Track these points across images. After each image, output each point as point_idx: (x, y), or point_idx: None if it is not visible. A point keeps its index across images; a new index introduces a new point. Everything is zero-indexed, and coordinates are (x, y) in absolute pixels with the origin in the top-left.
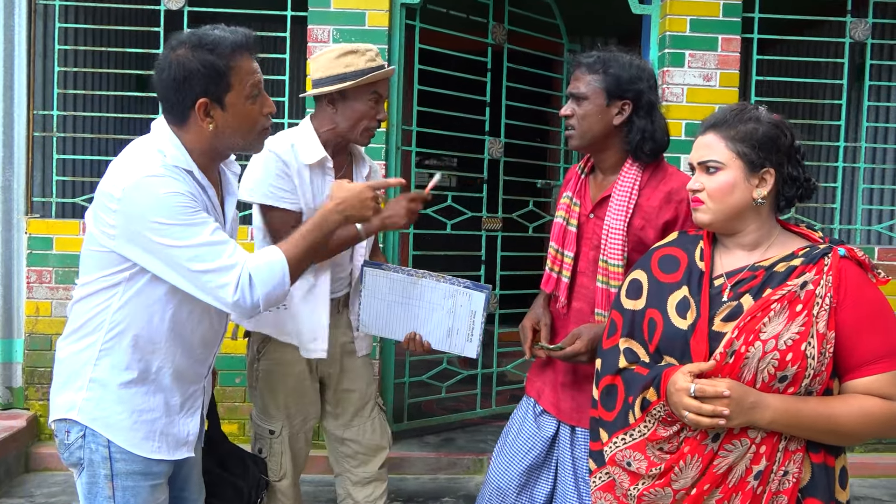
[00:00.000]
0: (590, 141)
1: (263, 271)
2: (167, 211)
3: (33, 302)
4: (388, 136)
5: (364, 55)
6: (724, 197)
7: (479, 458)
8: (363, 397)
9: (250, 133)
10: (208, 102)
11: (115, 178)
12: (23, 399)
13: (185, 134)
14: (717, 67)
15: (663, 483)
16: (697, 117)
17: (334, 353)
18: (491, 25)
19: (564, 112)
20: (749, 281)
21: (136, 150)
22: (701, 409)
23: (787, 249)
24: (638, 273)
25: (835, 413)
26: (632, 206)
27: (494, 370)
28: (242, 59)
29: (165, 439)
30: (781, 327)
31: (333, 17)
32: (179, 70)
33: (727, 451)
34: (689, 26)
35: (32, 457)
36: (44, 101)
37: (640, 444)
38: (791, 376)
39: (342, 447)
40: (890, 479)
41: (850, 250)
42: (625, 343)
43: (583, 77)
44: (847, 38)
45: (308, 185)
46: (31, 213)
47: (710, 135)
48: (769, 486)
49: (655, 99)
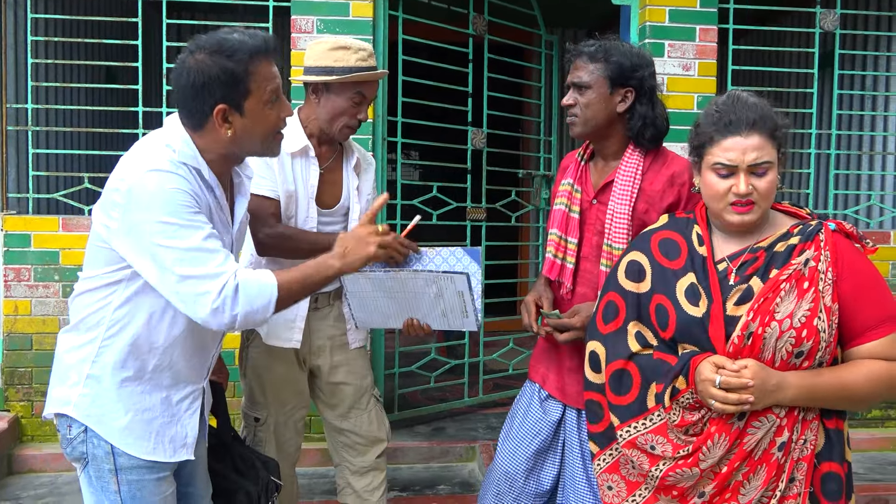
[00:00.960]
0: (592, 129)
1: (252, 288)
2: (167, 206)
3: (11, 301)
4: (374, 127)
5: (355, 53)
6: (772, 194)
7: (470, 447)
8: (358, 390)
9: (268, 137)
10: (227, 108)
11: (122, 171)
12: (2, 400)
13: (201, 139)
14: (695, 57)
15: (691, 463)
16: (678, 106)
17: (322, 345)
18: (472, 16)
19: (567, 102)
20: (752, 263)
21: (145, 144)
22: (727, 399)
23: (781, 228)
24: (636, 255)
25: (847, 381)
26: (636, 190)
27: (481, 359)
28: (261, 64)
29: (162, 440)
30: (793, 305)
31: (317, 7)
32: (198, 76)
33: (755, 429)
34: (668, 16)
35: (15, 459)
36: (16, 94)
37: (661, 427)
38: (807, 352)
39: (341, 437)
40: (864, 453)
41: (839, 224)
42: (634, 327)
43: (584, 66)
44: (817, 28)
45: (289, 171)
46: (7, 209)
47: (755, 135)
48: (791, 455)
49: (656, 85)
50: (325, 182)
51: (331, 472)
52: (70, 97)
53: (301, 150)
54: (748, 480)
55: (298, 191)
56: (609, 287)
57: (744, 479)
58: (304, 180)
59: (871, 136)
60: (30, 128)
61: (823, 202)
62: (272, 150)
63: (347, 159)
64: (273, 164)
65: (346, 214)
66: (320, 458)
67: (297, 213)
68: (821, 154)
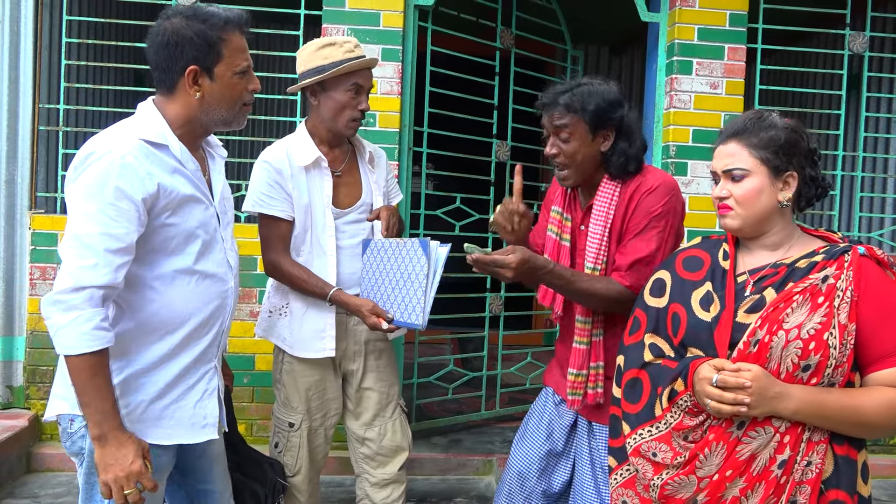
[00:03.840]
0: (583, 177)
1: (80, 330)
2: (95, 188)
3: (36, 299)
4: (400, 136)
5: (342, 47)
6: (752, 202)
7: (488, 460)
8: (386, 397)
9: (234, 106)
10: (198, 70)
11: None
12: (23, 398)
13: (172, 103)
14: (723, 76)
15: (688, 471)
16: (704, 124)
17: (358, 350)
18: (499, 29)
19: (550, 151)
20: (771, 277)
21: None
22: (722, 398)
23: (808, 248)
24: (662, 273)
25: (859, 404)
26: (611, 211)
27: (499, 372)
28: (234, 34)
29: (179, 424)
30: (804, 317)
31: (348, 16)
32: (173, 36)
33: (750, 438)
34: (697, 35)
35: (34, 457)
36: (49, 94)
37: (666, 435)
38: (814, 365)
39: (362, 448)
40: (886, 480)
41: (870, 249)
42: (650, 338)
43: (563, 117)
44: (846, 50)
45: (304, 185)
46: (35, 208)
47: (732, 143)
48: (793, 476)
49: (633, 118)
50: (343, 184)
51: (347, 481)
52: (99, 99)
53: (314, 161)
54: (746, 497)
55: (314, 202)
56: (636, 304)
57: (741, 495)
58: (319, 190)
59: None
60: (61, 128)
61: (847, 224)
62: (238, 120)
63: (361, 156)
64: (287, 182)
65: (370, 211)
66: (337, 467)
67: (313, 224)
68: (846, 176)
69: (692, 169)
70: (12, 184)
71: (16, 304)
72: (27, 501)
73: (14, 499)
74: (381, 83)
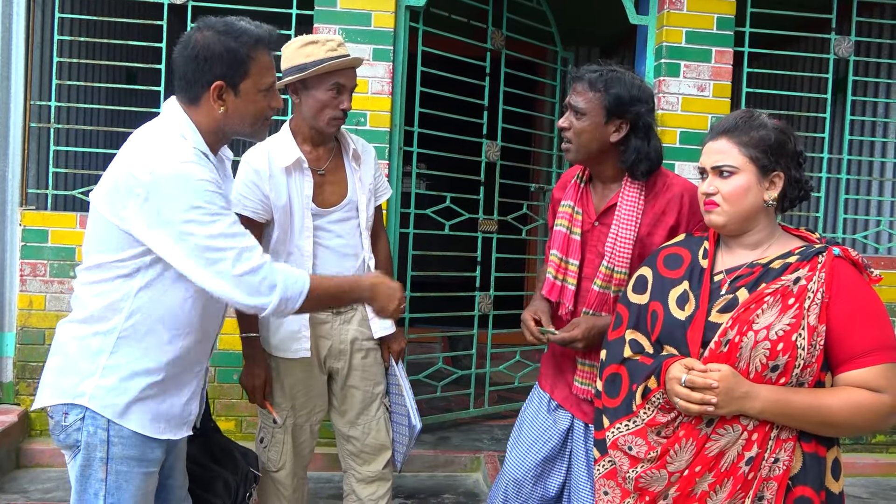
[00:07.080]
0: (586, 156)
1: (289, 275)
2: (202, 196)
3: (26, 295)
4: (390, 136)
5: (324, 45)
6: (739, 200)
7: (476, 457)
8: (369, 396)
9: (256, 122)
10: (223, 86)
11: (141, 161)
12: (13, 394)
13: (195, 112)
14: (710, 78)
15: (659, 465)
16: (692, 126)
17: (344, 349)
18: (490, 31)
19: (562, 124)
20: (746, 276)
21: (156, 133)
22: (690, 397)
23: (785, 248)
24: (644, 270)
25: (825, 404)
26: (639, 215)
27: (487, 370)
28: (263, 52)
29: (170, 420)
30: (773, 318)
31: (340, 16)
32: (203, 50)
33: (718, 436)
34: (685, 38)
35: (24, 453)
36: (41, 91)
37: (642, 430)
38: (782, 366)
39: (348, 445)
40: (867, 478)
41: (845, 250)
42: (630, 334)
43: (584, 93)
44: (832, 54)
45: (283, 186)
46: (26, 204)
47: (722, 140)
48: (760, 472)
49: (652, 121)
50: (328, 182)
51: (335, 477)
52: (91, 96)
53: (294, 162)
54: (714, 492)
55: (293, 202)
56: (620, 300)
57: (710, 490)
58: (298, 191)
59: (882, 162)
60: (52, 125)
61: (832, 226)
62: (259, 134)
63: (346, 153)
64: (265, 183)
65: (356, 209)
66: (325, 463)
67: (292, 225)
68: (831, 178)
69: (679, 170)
70: (3, 180)
71: (6, 300)
72: (16, 497)
73: (3, 494)
74: (371, 83)
